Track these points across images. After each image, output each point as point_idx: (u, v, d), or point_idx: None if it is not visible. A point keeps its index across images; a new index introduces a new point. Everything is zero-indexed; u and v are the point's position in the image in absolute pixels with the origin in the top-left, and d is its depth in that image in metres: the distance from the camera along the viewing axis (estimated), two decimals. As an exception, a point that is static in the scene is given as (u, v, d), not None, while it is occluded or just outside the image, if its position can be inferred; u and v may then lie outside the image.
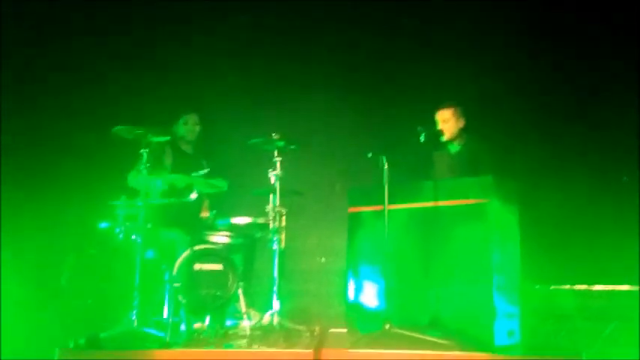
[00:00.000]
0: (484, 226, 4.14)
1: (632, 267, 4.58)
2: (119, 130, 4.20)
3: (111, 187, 4.74)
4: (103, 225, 4.40)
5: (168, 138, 4.68)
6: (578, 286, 4.54)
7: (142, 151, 4.23)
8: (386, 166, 4.37)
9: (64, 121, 5.49)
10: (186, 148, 5.05)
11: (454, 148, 4.99)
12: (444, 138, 4.92)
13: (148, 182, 4.29)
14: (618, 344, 4.11)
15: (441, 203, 4.36)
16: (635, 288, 4.33)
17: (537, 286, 4.61)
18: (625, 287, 4.38)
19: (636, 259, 4.64)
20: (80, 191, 5.29)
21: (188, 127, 5.01)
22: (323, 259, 5.55)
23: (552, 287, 4.59)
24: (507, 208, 4.26)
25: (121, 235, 4.30)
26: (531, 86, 5.49)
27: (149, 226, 4.25)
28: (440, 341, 3.90)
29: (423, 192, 4.48)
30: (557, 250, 5.09)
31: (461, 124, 4.94)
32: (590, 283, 4.47)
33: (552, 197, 5.25)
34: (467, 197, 4.25)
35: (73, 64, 5.58)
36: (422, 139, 4.64)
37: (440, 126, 4.92)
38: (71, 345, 3.73)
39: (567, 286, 4.60)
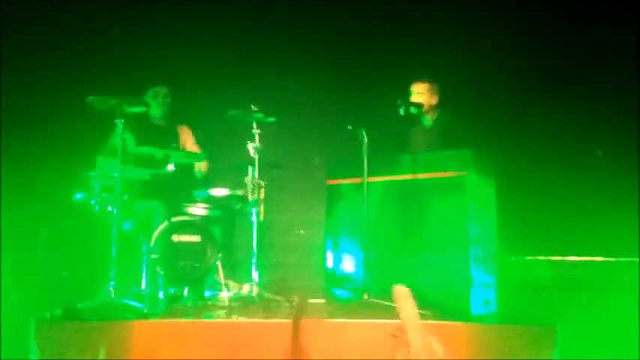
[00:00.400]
0: (462, 198, 4.17)
1: (607, 238, 4.67)
2: (93, 99, 4.12)
3: (86, 157, 4.69)
4: (79, 196, 4.34)
5: (144, 109, 4.61)
6: (553, 257, 4.60)
7: (116, 121, 4.16)
8: (365, 139, 4.37)
9: (37, 90, 5.37)
10: (159, 121, 4.99)
11: (427, 122, 5.00)
12: (416, 111, 4.93)
13: (123, 153, 4.23)
14: (592, 315, 4.19)
15: (420, 176, 4.38)
16: (610, 259, 4.41)
17: (513, 257, 4.67)
18: (599, 258, 4.46)
19: (611, 231, 4.72)
20: (55, 162, 5.20)
21: (158, 100, 4.95)
22: (302, 232, 5.56)
23: (528, 258, 4.65)
24: (485, 181, 4.29)
25: (97, 207, 4.25)
26: (508, 58, 5.49)
27: (125, 197, 4.21)
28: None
29: (401, 165, 4.51)
30: (533, 222, 5.16)
31: (434, 100, 4.94)
32: (565, 254, 4.54)
33: (529, 170, 5.30)
34: (445, 170, 4.28)
35: (45, 34, 5.44)
36: (401, 112, 4.64)
37: (413, 98, 4.92)
38: (47, 316, 3.69)
39: (542, 257, 4.67)
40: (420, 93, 4.91)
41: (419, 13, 5.70)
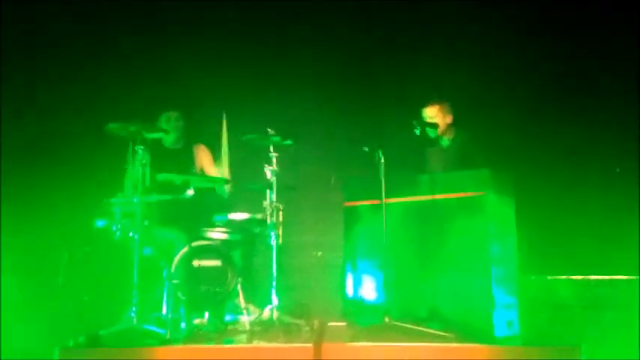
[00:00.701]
0: (481, 218, 4.16)
1: (629, 257, 4.62)
2: (112, 126, 4.18)
3: (106, 184, 4.74)
4: (100, 223, 4.38)
5: (161, 135, 4.67)
6: (574, 276, 4.56)
7: (136, 147, 4.21)
8: (382, 160, 4.39)
9: (58, 118, 5.46)
10: (173, 145, 5.02)
11: (445, 142, 5.00)
12: (434, 134, 4.95)
13: (143, 179, 4.26)
14: (616, 333, 4.15)
15: (438, 196, 4.38)
16: (633, 277, 4.36)
17: (534, 277, 4.64)
18: (622, 277, 4.42)
19: (633, 249, 4.68)
20: (75, 189, 5.26)
21: (171, 124, 4.97)
22: (320, 254, 5.56)
23: (549, 277, 4.62)
24: (504, 200, 4.28)
25: (118, 233, 4.28)
26: (526, 76, 5.50)
27: (146, 223, 4.24)
28: (440, 333, 3.92)
29: (419, 185, 4.50)
30: (553, 241, 5.12)
31: (448, 119, 4.95)
32: (586, 273, 4.51)
33: (548, 188, 5.28)
34: (464, 190, 4.27)
35: (67, 60, 5.53)
36: (417, 132, 4.66)
37: (426, 123, 4.93)
38: (71, 344, 3.71)
39: (564, 277, 4.63)
40: (433, 117, 4.92)
41: (434, 32, 5.73)
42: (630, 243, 4.77)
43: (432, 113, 4.93)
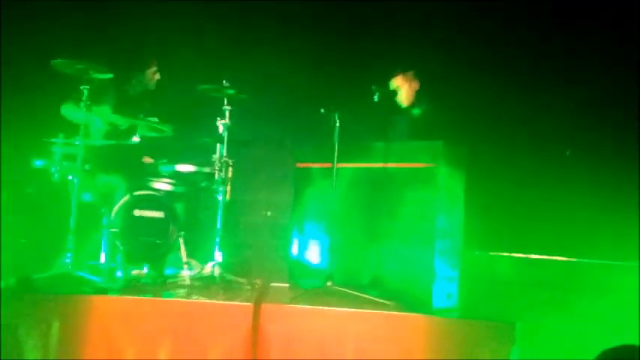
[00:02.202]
0: (431, 190, 4.15)
1: (571, 239, 4.72)
2: (59, 63, 3.97)
3: (49, 123, 4.52)
4: (39, 163, 4.18)
5: (110, 76, 4.45)
6: (516, 254, 4.64)
7: (82, 87, 4.01)
8: (337, 124, 4.32)
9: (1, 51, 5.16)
10: (134, 91, 4.82)
11: (416, 111, 4.97)
12: (403, 103, 4.90)
13: (87, 119, 4.08)
14: (551, 313, 4.24)
15: (390, 165, 4.35)
16: (572, 259, 4.46)
17: (477, 252, 4.69)
18: (562, 258, 4.51)
19: (575, 231, 4.77)
20: (17, 126, 5.00)
21: (155, 77, 4.77)
22: (269, 213, 5.48)
23: (491, 253, 4.68)
24: (454, 174, 4.27)
25: (56, 175, 4.10)
26: (485, 50, 5.47)
27: (87, 167, 4.08)
28: (380, 301, 3.93)
29: (372, 152, 4.47)
30: (498, 218, 5.17)
31: (415, 86, 4.92)
32: (528, 252, 4.58)
33: (499, 165, 5.30)
34: (416, 161, 4.25)
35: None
36: (375, 98, 4.59)
37: (398, 94, 4.89)
38: (1, 285, 3.56)
39: (506, 254, 4.70)
40: (400, 86, 4.87)
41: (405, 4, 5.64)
42: (574, 226, 4.86)
43: (398, 83, 4.89)
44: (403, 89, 4.89)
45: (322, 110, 4.36)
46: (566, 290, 4.32)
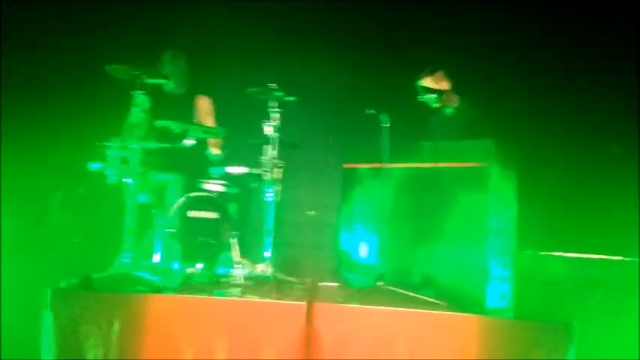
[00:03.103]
0: (482, 189, 4.13)
1: (624, 238, 4.62)
2: (113, 68, 4.07)
3: (103, 127, 4.64)
4: (94, 166, 4.29)
5: (164, 81, 4.55)
6: (568, 254, 4.57)
7: (136, 92, 4.11)
8: (386, 124, 4.32)
9: (56, 57, 5.31)
10: (176, 90, 4.90)
11: (449, 111, 4.94)
12: (435, 104, 4.88)
13: (142, 124, 4.17)
14: (607, 313, 4.17)
15: (440, 165, 4.33)
16: (625, 259, 4.37)
17: (528, 252, 4.64)
18: (614, 257, 4.43)
19: (629, 230, 4.68)
20: (71, 130, 5.15)
21: (176, 65, 4.83)
22: (312, 213, 5.52)
23: (543, 253, 4.62)
24: (506, 173, 4.24)
25: (112, 178, 4.20)
26: (534, 49, 5.41)
27: (142, 170, 4.17)
28: (432, 300, 3.92)
29: (422, 152, 4.46)
30: (551, 217, 5.10)
31: (444, 85, 4.89)
32: (581, 252, 4.51)
33: (551, 163, 5.24)
34: (466, 160, 4.23)
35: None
36: (420, 98, 4.59)
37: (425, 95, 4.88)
38: (64, 285, 3.67)
39: (557, 253, 4.64)
40: (429, 87, 4.85)
41: (444, 2, 5.61)
42: (627, 225, 4.77)
43: (427, 84, 4.87)
44: (434, 89, 4.86)
45: (371, 110, 4.38)
46: (620, 290, 4.24)
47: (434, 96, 4.86)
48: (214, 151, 4.88)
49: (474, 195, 4.14)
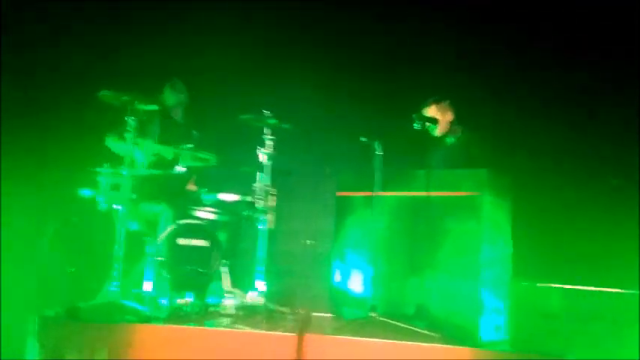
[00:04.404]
0: (475, 219, 4.07)
1: (622, 270, 4.57)
2: (105, 95, 4.05)
3: (94, 153, 4.62)
4: (85, 192, 4.25)
5: (156, 107, 4.53)
6: (566, 286, 4.51)
7: (127, 118, 4.09)
8: (379, 152, 4.30)
9: (48, 83, 5.30)
10: (176, 116, 4.90)
11: (449, 140, 4.93)
12: (436, 133, 4.87)
13: (132, 151, 4.15)
14: (603, 346, 4.10)
15: (433, 194, 4.30)
16: (623, 291, 4.32)
17: (525, 283, 4.58)
18: (613, 290, 4.37)
19: (626, 262, 4.63)
20: (63, 156, 5.12)
21: (175, 92, 4.86)
22: (309, 242, 5.46)
23: (540, 285, 4.57)
24: (500, 203, 4.20)
25: (103, 204, 4.16)
26: (529, 77, 5.42)
27: (133, 196, 4.13)
28: (425, 332, 3.85)
29: (415, 181, 4.41)
30: (547, 248, 5.05)
31: (448, 117, 4.88)
32: (578, 284, 4.46)
33: (548, 194, 5.21)
34: (459, 189, 4.19)
35: (59, 24, 5.37)
36: (416, 127, 4.57)
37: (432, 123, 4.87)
38: (50, 314, 3.61)
39: (555, 285, 4.58)
40: (433, 116, 4.84)
41: (437, 32, 5.64)
42: (625, 257, 4.72)
43: (432, 113, 4.86)
44: (437, 119, 4.85)
45: (364, 139, 4.36)
46: (617, 322, 4.18)
47: (435, 125, 4.84)
48: (191, 188, 4.84)
49: (467, 224, 4.09)
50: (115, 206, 4.11)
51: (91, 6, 5.43)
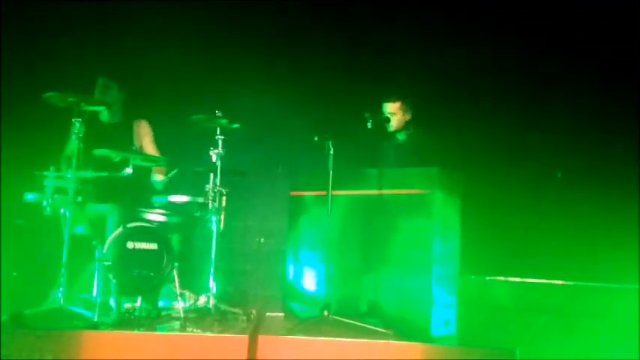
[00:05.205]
0: (426, 216, 4.15)
1: (567, 262, 4.69)
2: (51, 96, 3.95)
3: (40, 156, 4.51)
4: (30, 197, 4.14)
5: (102, 108, 4.45)
6: (512, 278, 4.61)
7: (74, 120, 3.99)
8: (331, 151, 4.31)
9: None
10: (112, 118, 4.79)
11: (401, 136, 4.97)
12: (391, 128, 4.90)
13: (78, 153, 4.05)
14: (550, 338, 4.20)
15: (385, 192, 4.33)
16: (568, 283, 4.43)
17: (473, 277, 4.66)
18: (558, 282, 4.48)
19: (571, 254, 4.75)
20: (7, 159, 4.96)
21: (107, 90, 4.73)
22: (262, 240, 5.43)
23: (488, 278, 4.65)
24: (450, 200, 4.27)
25: (48, 209, 4.05)
26: (480, 75, 5.50)
27: (79, 199, 4.03)
28: (378, 329, 3.88)
29: (367, 179, 4.46)
30: (494, 242, 5.15)
31: (407, 117, 4.92)
32: (524, 276, 4.55)
33: (494, 190, 5.30)
34: (411, 187, 4.25)
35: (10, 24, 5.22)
36: (369, 125, 4.59)
37: (390, 120, 4.89)
38: (-6, 322, 3.50)
39: (502, 278, 4.67)
40: (393, 113, 4.87)
41: (389, 27, 5.68)
42: (569, 248, 4.85)
43: (394, 109, 4.88)
44: (397, 116, 4.88)
45: (316, 138, 4.36)
46: (564, 314, 4.29)
47: (388, 120, 4.86)
48: (158, 177, 4.77)
49: (419, 222, 4.15)
50: (61, 210, 4.02)
51: (32, 6, 5.27)
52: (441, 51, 5.53)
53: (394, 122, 4.88)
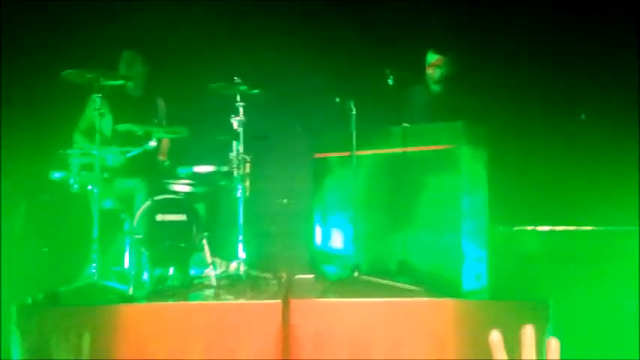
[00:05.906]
0: (454, 171, 4.10)
1: (597, 208, 4.63)
2: (69, 73, 3.94)
3: (63, 134, 4.53)
4: (57, 175, 4.18)
5: (122, 82, 4.44)
6: (541, 227, 4.57)
7: (94, 96, 3.99)
8: (354, 111, 4.27)
9: (12, 65, 5.13)
10: (135, 92, 4.79)
11: (436, 88, 4.89)
12: (432, 79, 4.86)
13: (102, 130, 4.07)
14: (581, 286, 4.18)
15: (410, 149, 4.29)
16: (599, 228, 4.38)
17: (501, 228, 4.63)
18: (588, 228, 4.44)
19: (600, 199, 4.69)
20: (33, 138, 4.99)
21: (134, 66, 4.73)
22: (285, 201, 5.44)
23: (516, 228, 4.62)
24: (476, 153, 4.21)
25: (75, 186, 4.10)
26: (505, 29, 5.37)
27: (105, 175, 4.07)
28: (409, 287, 3.90)
29: (391, 138, 4.41)
30: (521, 193, 5.09)
31: (450, 71, 4.87)
32: (553, 224, 4.51)
33: (519, 140, 5.22)
34: (436, 143, 4.19)
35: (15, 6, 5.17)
36: (390, 82, 4.52)
37: (427, 66, 4.82)
38: (29, 301, 3.57)
39: (530, 227, 4.63)
40: (434, 64, 4.79)
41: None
42: (599, 194, 4.78)
43: (439, 62, 4.83)
44: (441, 70, 4.81)
45: (337, 99, 4.31)
46: (593, 260, 4.26)
47: (434, 72, 4.83)
48: (162, 158, 4.79)
49: (446, 177, 4.11)
50: (89, 187, 4.06)
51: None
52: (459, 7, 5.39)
53: (436, 73, 4.82)
